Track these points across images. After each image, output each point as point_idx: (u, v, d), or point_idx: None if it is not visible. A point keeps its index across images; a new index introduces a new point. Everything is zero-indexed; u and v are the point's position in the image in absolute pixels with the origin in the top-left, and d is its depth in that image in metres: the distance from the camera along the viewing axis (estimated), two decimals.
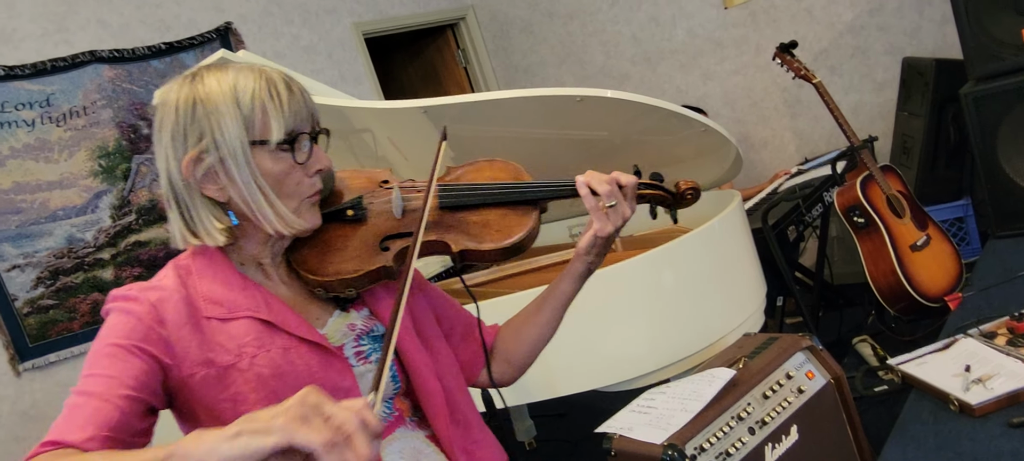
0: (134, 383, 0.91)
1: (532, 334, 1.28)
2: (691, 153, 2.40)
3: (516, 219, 1.13)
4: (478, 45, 5.27)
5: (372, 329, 1.12)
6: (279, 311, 1.02)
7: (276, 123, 0.99)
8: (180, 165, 0.99)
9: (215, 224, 1.01)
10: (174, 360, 0.96)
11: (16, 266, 3.19)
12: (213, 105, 0.98)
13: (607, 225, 1.12)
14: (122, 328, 0.95)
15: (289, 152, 1.01)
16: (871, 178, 2.80)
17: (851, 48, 3.95)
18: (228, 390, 0.97)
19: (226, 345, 0.98)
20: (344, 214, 1.12)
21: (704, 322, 2.03)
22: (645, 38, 4.61)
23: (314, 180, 1.05)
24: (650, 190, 1.19)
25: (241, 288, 1.02)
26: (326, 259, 1.08)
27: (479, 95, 2.18)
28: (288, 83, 1.02)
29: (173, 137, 0.99)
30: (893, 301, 2.74)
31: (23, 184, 3.24)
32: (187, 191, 1.01)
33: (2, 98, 3.23)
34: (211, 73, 1.01)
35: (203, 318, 0.99)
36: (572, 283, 1.22)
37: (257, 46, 4.13)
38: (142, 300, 0.97)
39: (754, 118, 4.40)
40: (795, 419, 1.58)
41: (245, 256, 1.07)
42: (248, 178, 0.99)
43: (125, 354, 0.92)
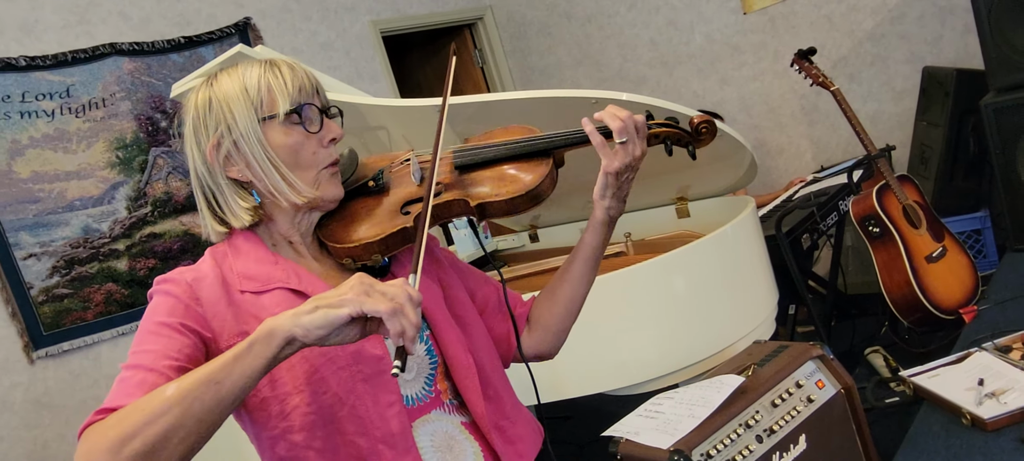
0: (178, 355, 0.96)
1: (565, 293, 1.27)
2: (706, 158, 2.38)
3: (530, 168, 1.14)
4: (495, 45, 5.28)
5: None
6: (310, 282, 1.07)
7: (281, 97, 1.05)
8: (204, 154, 1.07)
9: (240, 204, 1.08)
10: (213, 334, 1.01)
11: (32, 255, 3.23)
12: (224, 96, 1.06)
13: (614, 161, 1.11)
14: (164, 308, 1.00)
15: (299, 123, 1.06)
16: (887, 188, 2.77)
17: (871, 56, 3.92)
18: None
19: (260, 315, 1.01)
20: (367, 187, 1.17)
21: (714, 328, 2.02)
22: (663, 42, 4.60)
23: (330, 150, 1.09)
24: (663, 128, 1.16)
25: (273, 263, 1.08)
26: (351, 228, 1.13)
27: (493, 95, 2.18)
28: (291, 64, 1.09)
29: (195, 131, 1.08)
30: (907, 312, 2.71)
31: (41, 173, 3.28)
32: (212, 177, 1.08)
33: (23, 88, 3.26)
34: (224, 73, 1.09)
35: (238, 293, 1.04)
36: (595, 233, 1.22)
37: (275, 42, 4.15)
38: (180, 281, 1.03)
39: (771, 124, 4.37)
40: (804, 428, 1.57)
41: (276, 236, 1.12)
42: (260, 155, 1.05)
43: (169, 331, 0.98)
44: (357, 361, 1.04)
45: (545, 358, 1.34)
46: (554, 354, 1.35)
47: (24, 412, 3.16)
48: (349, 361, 1.03)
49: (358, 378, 1.03)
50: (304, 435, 1.02)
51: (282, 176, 1.06)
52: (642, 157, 1.12)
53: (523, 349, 1.29)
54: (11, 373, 3.15)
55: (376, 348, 1.06)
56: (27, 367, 3.19)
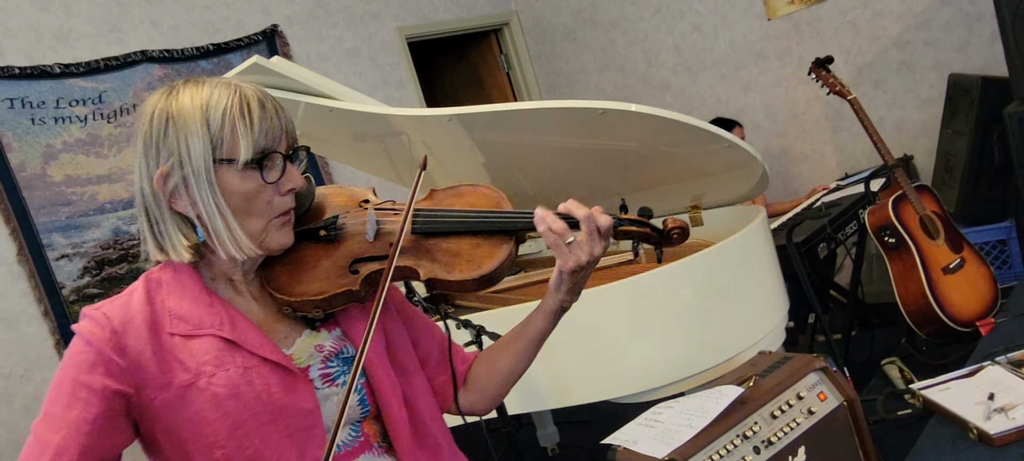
0: (91, 429, 0.93)
1: (505, 366, 1.24)
2: (718, 167, 2.39)
3: (488, 249, 1.09)
4: (521, 51, 5.31)
5: (342, 351, 1.10)
6: (243, 329, 1.02)
7: (244, 142, 0.97)
8: (151, 179, 0.99)
9: (182, 240, 1.01)
10: (135, 388, 0.96)
11: (65, 255, 3.34)
12: (182, 122, 0.97)
13: (568, 261, 1.05)
14: (84, 359, 0.95)
15: (258, 171, 0.99)
16: (904, 198, 2.75)
17: (896, 63, 3.88)
18: (188, 410, 0.96)
19: (186, 363, 0.97)
20: (317, 234, 1.11)
21: (721, 338, 2.02)
22: (687, 48, 4.59)
23: (286, 199, 1.04)
24: (633, 226, 1.10)
25: (207, 305, 1.02)
26: (295, 278, 1.07)
27: (506, 105, 2.21)
28: (261, 101, 1.00)
29: (145, 150, 1.00)
30: (923, 324, 2.68)
31: (74, 177, 3.39)
32: (157, 205, 1.01)
33: (57, 94, 3.37)
34: (187, 88, 1.00)
35: (166, 334, 0.99)
36: (544, 319, 1.17)
37: (302, 48, 4.23)
38: (105, 328, 0.97)
39: (795, 131, 4.34)
40: (803, 440, 1.57)
41: (215, 271, 1.06)
42: (208, 198, 0.98)
43: (87, 393, 0.93)
44: (285, 416, 1.00)
45: (475, 415, 1.31)
46: (485, 414, 1.33)
47: None
48: (275, 416, 0.99)
49: (284, 433, 0.99)
50: None
51: (227, 226, 0.99)
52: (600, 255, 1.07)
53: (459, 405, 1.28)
54: (43, 370, 3.26)
55: (306, 401, 1.02)
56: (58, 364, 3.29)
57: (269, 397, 0.99)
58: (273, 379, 1.00)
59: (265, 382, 1.00)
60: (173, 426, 0.97)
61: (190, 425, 0.97)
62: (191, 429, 0.97)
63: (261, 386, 0.99)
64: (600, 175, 2.49)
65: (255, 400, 0.98)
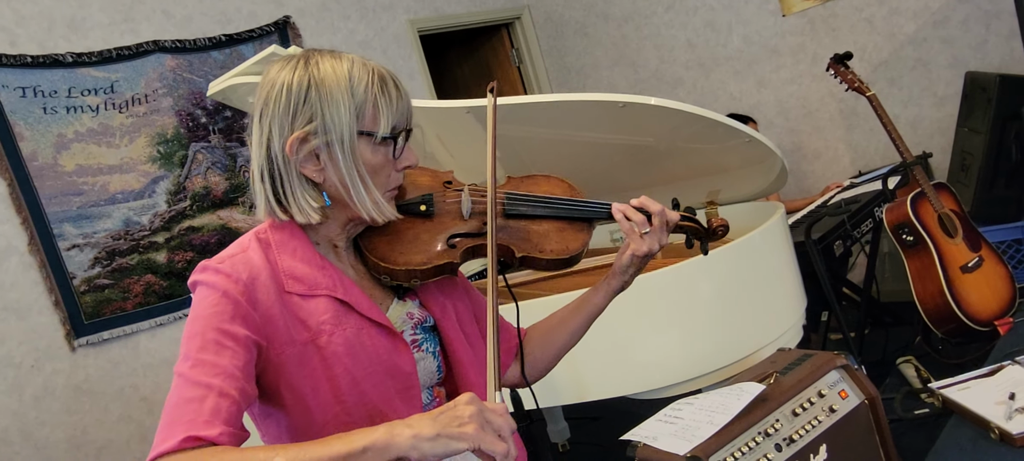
0: (244, 373, 0.96)
1: (559, 340, 1.34)
2: (736, 163, 2.37)
3: (573, 234, 1.22)
4: (532, 45, 5.29)
5: (425, 320, 1.18)
6: (353, 292, 1.08)
7: (384, 118, 1.03)
8: (284, 142, 1.02)
9: (311, 203, 1.05)
10: (267, 341, 1.00)
11: (75, 246, 3.33)
12: (327, 90, 1.01)
13: (643, 246, 1.20)
14: (224, 310, 0.98)
15: (390, 146, 1.05)
16: (923, 195, 2.72)
17: (912, 60, 3.85)
18: (307, 366, 1.02)
19: (306, 321, 1.02)
20: (417, 208, 1.18)
21: (739, 334, 2.01)
22: (700, 43, 4.56)
23: (399, 175, 1.10)
24: (687, 222, 1.30)
25: (320, 267, 1.07)
26: (396, 248, 1.14)
27: (524, 98, 2.19)
28: (396, 83, 1.06)
29: (283, 115, 1.02)
30: (940, 323, 2.66)
31: (85, 167, 3.38)
32: (286, 168, 1.04)
33: (69, 84, 3.37)
34: (326, 58, 1.04)
35: (284, 292, 1.03)
36: (606, 297, 1.29)
37: (314, 40, 4.22)
38: (237, 280, 1.00)
39: (808, 128, 4.31)
40: (825, 438, 1.55)
41: (322, 236, 1.11)
42: (351, 165, 1.03)
43: (233, 342, 0.96)
44: (392, 375, 1.07)
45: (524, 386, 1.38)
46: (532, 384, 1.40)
47: (65, 398, 3.26)
48: (386, 375, 1.06)
49: (393, 390, 1.06)
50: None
51: (367, 190, 1.04)
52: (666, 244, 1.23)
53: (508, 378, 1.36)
54: (53, 360, 3.25)
55: (407, 363, 1.09)
56: (69, 355, 3.30)
57: (379, 357, 1.06)
58: (381, 340, 1.07)
59: (375, 343, 1.06)
60: (296, 381, 1.02)
61: (310, 380, 1.02)
62: (310, 384, 1.02)
63: (372, 346, 1.06)
64: (616, 170, 2.47)
65: (368, 359, 1.05)
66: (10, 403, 3.13)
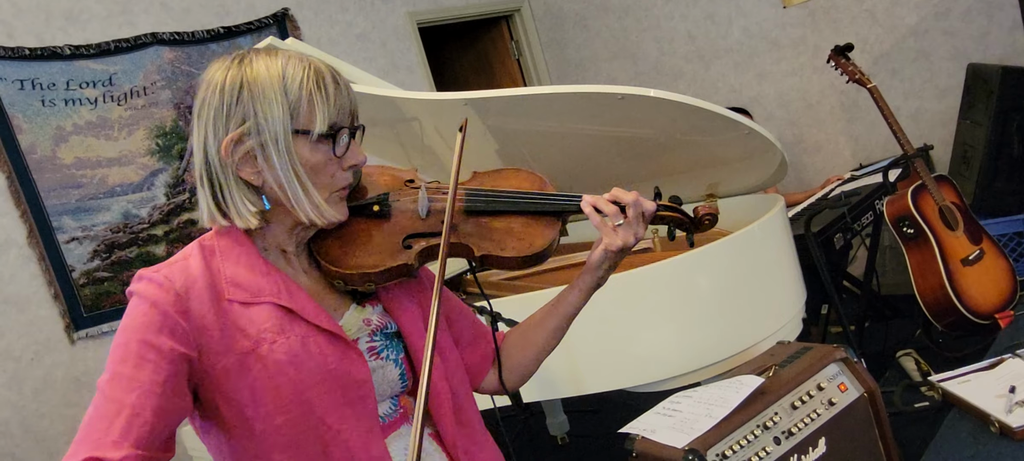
0: (162, 390, 0.92)
1: (537, 342, 1.28)
2: (736, 155, 2.36)
3: (539, 229, 1.14)
4: (532, 38, 5.27)
5: (386, 326, 1.12)
6: (299, 298, 1.03)
7: (321, 114, 0.99)
8: (219, 145, 0.99)
9: (248, 207, 1.01)
10: (198, 352, 0.96)
11: (74, 238, 3.33)
12: (260, 89, 0.98)
13: (616, 240, 1.13)
14: (151, 321, 0.95)
15: (329, 144, 1.01)
16: (924, 188, 2.71)
17: (914, 52, 3.83)
18: (248, 376, 0.97)
19: (246, 330, 0.98)
20: (370, 209, 1.14)
21: (738, 328, 2.00)
22: (700, 35, 4.55)
23: (347, 174, 1.06)
24: (668, 212, 1.20)
25: (264, 273, 1.03)
26: (348, 251, 1.09)
27: (522, 89, 2.18)
28: (335, 77, 1.02)
29: (216, 116, 0.99)
30: (940, 316, 2.66)
31: (84, 160, 3.37)
32: (223, 172, 1.01)
33: (68, 76, 3.36)
34: (260, 57, 1.01)
35: (225, 301, 0.99)
36: (581, 296, 1.22)
37: (312, 32, 4.21)
38: (169, 289, 0.97)
39: (808, 121, 4.30)
40: (824, 431, 1.55)
41: (269, 241, 1.07)
42: (287, 165, 0.99)
43: (156, 355, 0.93)
44: (341, 385, 1.01)
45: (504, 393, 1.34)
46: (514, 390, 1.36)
47: (65, 390, 3.26)
48: (333, 385, 1.01)
49: (342, 401, 1.01)
50: (285, 455, 0.99)
51: (306, 192, 1.00)
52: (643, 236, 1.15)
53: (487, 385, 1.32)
54: (53, 353, 3.25)
55: (360, 372, 1.04)
56: (68, 347, 3.30)
57: (326, 365, 1.01)
58: (329, 348, 1.02)
59: (322, 351, 1.01)
60: (234, 393, 0.98)
61: (249, 392, 0.97)
62: (250, 396, 0.97)
63: (319, 355, 1.01)
64: (615, 162, 2.46)
65: (314, 368, 0.99)
66: (10, 395, 3.13)
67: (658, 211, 1.17)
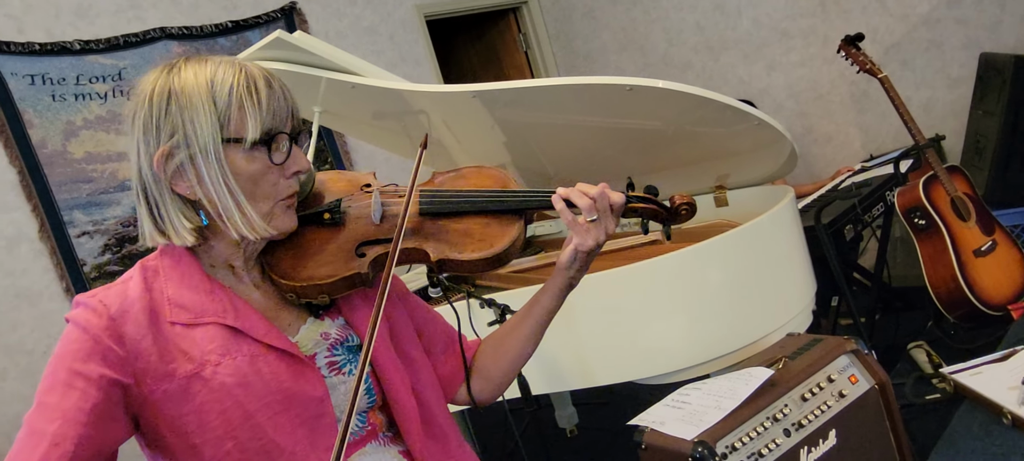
0: (88, 419, 0.88)
1: (512, 349, 1.23)
2: (745, 147, 2.35)
3: (499, 229, 1.08)
4: (539, 29, 5.26)
5: (347, 339, 1.08)
6: (247, 316, 0.98)
7: (252, 121, 0.94)
8: (151, 160, 0.95)
9: (185, 223, 0.97)
10: (134, 379, 0.92)
11: (86, 232, 3.35)
12: (187, 99, 0.93)
13: (587, 239, 1.07)
14: (80, 348, 0.91)
15: (265, 152, 0.97)
16: (935, 179, 2.69)
17: (925, 42, 3.80)
18: (193, 401, 0.93)
19: (189, 352, 0.94)
20: (321, 217, 1.09)
21: (747, 320, 1.99)
22: (709, 26, 4.52)
23: (291, 182, 1.01)
24: (641, 203, 1.13)
25: (208, 292, 0.98)
26: (300, 263, 1.05)
27: (530, 81, 2.17)
28: (268, 80, 0.97)
29: (145, 130, 0.95)
30: (952, 307, 2.64)
31: (95, 154, 3.39)
32: (157, 187, 0.97)
33: (77, 71, 3.37)
34: (189, 65, 0.97)
35: (167, 323, 0.95)
36: (553, 298, 1.17)
37: (320, 26, 4.20)
38: (102, 315, 0.93)
39: (819, 112, 4.27)
40: (834, 423, 1.54)
41: (215, 257, 1.02)
42: (218, 178, 0.94)
43: (83, 383, 0.90)
44: (295, 404, 0.97)
45: (482, 404, 1.28)
46: (492, 401, 1.30)
47: None
48: (286, 405, 0.96)
49: (296, 422, 0.96)
50: None
51: (238, 205, 0.96)
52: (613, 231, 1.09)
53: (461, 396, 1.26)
54: None
55: (315, 389, 0.99)
56: None
57: (278, 385, 0.96)
58: (281, 367, 0.97)
59: (273, 370, 0.96)
60: (177, 419, 0.93)
61: (195, 417, 0.93)
62: (197, 421, 0.93)
63: (269, 374, 0.96)
64: (623, 155, 2.46)
65: (264, 389, 0.95)
66: (23, 389, 3.15)
67: (628, 203, 1.10)
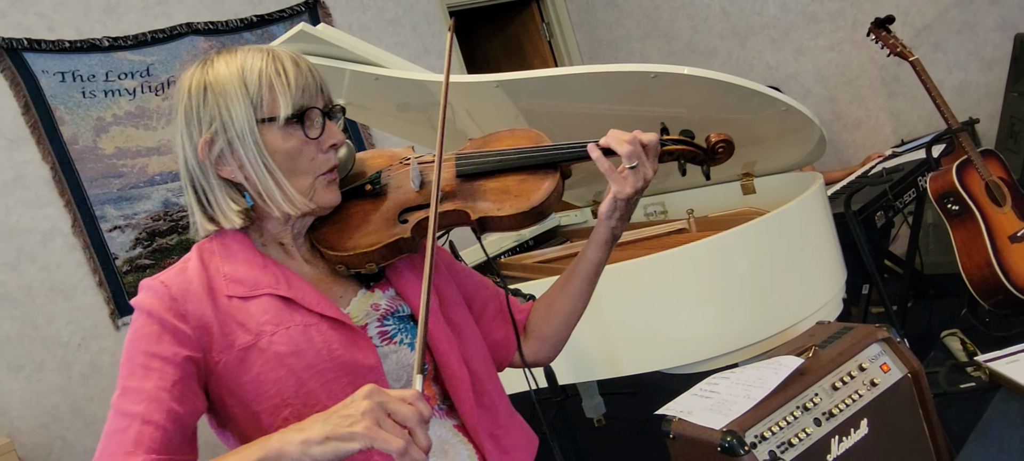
0: (170, 396, 0.94)
1: (564, 307, 1.25)
2: (773, 133, 2.32)
3: (535, 183, 1.10)
4: (562, 18, 5.22)
5: (397, 309, 1.11)
6: (299, 288, 1.03)
7: (283, 99, 0.99)
8: (196, 149, 1.01)
9: (232, 206, 1.03)
10: (202, 352, 0.98)
11: (117, 227, 3.40)
12: (221, 88, 0.99)
13: (626, 187, 1.08)
14: (149, 333, 0.97)
15: (299, 128, 1.01)
16: (969, 163, 2.64)
17: (958, 23, 3.71)
18: (250, 372, 0.98)
19: (246, 324, 0.99)
20: (363, 190, 1.13)
21: (776, 308, 1.97)
22: (735, 11, 4.46)
23: (328, 155, 1.05)
24: (677, 145, 1.12)
25: (261, 267, 1.03)
26: (345, 235, 1.08)
27: (554, 70, 2.16)
28: (295, 60, 1.02)
29: (187, 122, 1.02)
30: (987, 294, 2.58)
31: (124, 150, 3.44)
32: (203, 175, 1.03)
33: (106, 68, 3.42)
34: (221, 57, 1.02)
35: (224, 297, 1.00)
36: (597, 250, 1.19)
37: (343, 19, 4.22)
38: (164, 297, 0.99)
39: (848, 97, 4.20)
40: (866, 412, 1.52)
41: (266, 236, 1.08)
42: (256, 158, 1.00)
43: (160, 363, 0.95)
44: (347, 372, 1.00)
45: (539, 365, 1.30)
46: (549, 362, 1.32)
47: (111, 375, 3.34)
48: (338, 373, 1.00)
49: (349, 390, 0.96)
50: None
51: (277, 183, 1.01)
52: (652, 177, 1.09)
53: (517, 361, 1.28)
54: (99, 339, 3.33)
55: (368, 357, 1.03)
56: (113, 333, 3.37)
57: (330, 353, 1.00)
58: (333, 336, 1.01)
59: (325, 339, 1.00)
60: (238, 388, 0.99)
61: (254, 386, 0.98)
62: (255, 389, 0.98)
63: (322, 343, 1.00)
64: None
65: (317, 357, 0.99)
66: (59, 380, 3.21)
67: (663, 146, 1.10)
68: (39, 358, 3.18)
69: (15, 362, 3.12)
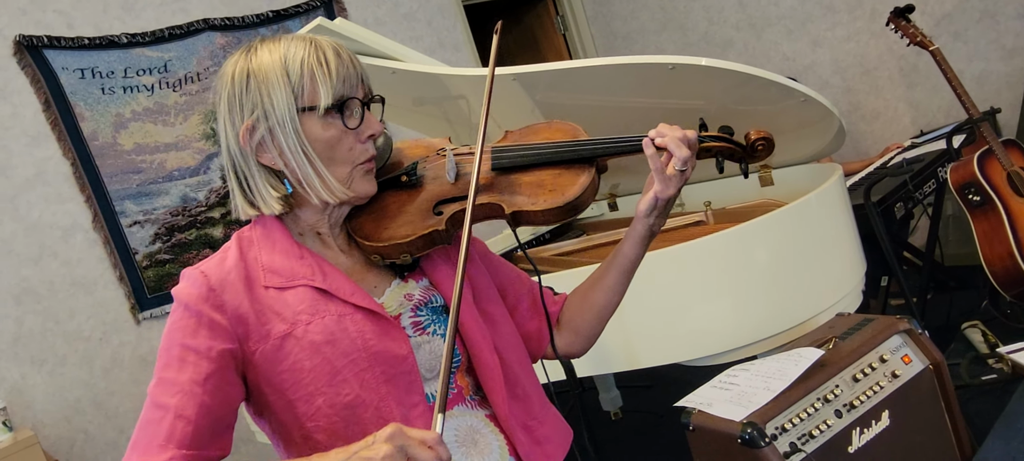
0: (204, 389, 0.96)
1: (598, 301, 1.25)
2: (791, 124, 2.30)
3: (570, 177, 1.09)
4: (577, 12, 5.21)
5: (431, 300, 1.12)
6: (334, 279, 1.04)
7: (324, 88, 1.00)
8: (238, 135, 1.03)
9: (271, 192, 1.04)
10: (238, 342, 0.99)
11: (136, 222, 3.43)
12: (263, 75, 1.00)
13: (670, 187, 1.08)
14: (186, 324, 0.99)
15: (339, 118, 1.02)
16: (990, 153, 2.61)
17: (978, 12, 3.67)
18: (286, 361, 0.99)
19: (282, 313, 1.00)
20: (399, 181, 1.14)
21: (795, 300, 1.96)
22: (750, 2, 4.43)
23: (367, 146, 1.06)
24: (716, 142, 1.11)
25: (298, 257, 1.05)
26: (381, 225, 1.09)
27: (571, 63, 2.15)
28: (337, 50, 1.03)
29: (230, 108, 1.03)
30: (1009, 286, 2.56)
31: (143, 145, 3.47)
32: (244, 161, 1.04)
33: (125, 64, 3.44)
34: (264, 45, 1.03)
35: (261, 287, 1.02)
36: (634, 246, 1.19)
37: (358, 13, 4.23)
38: (202, 283, 1.01)
39: (866, 87, 4.17)
40: (887, 404, 1.51)
41: (303, 225, 1.09)
42: (296, 146, 1.01)
43: (195, 357, 0.97)
44: (380, 362, 1.01)
45: (573, 357, 1.31)
46: (582, 354, 1.33)
47: (132, 368, 3.38)
48: (371, 362, 1.01)
49: (381, 379, 1.01)
50: (327, 435, 1.00)
51: (316, 172, 1.02)
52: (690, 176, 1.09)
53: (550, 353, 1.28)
54: (120, 333, 3.37)
55: (400, 347, 1.04)
56: (134, 327, 3.41)
57: (364, 343, 1.01)
58: (367, 326, 1.02)
59: (359, 329, 1.01)
60: (274, 377, 1.00)
61: (289, 374, 0.99)
62: (291, 378, 0.99)
63: (355, 332, 1.01)
64: None
65: (350, 346, 1.00)
66: (81, 374, 3.25)
67: (701, 142, 1.09)
68: (61, 352, 3.22)
69: (38, 356, 3.17)
